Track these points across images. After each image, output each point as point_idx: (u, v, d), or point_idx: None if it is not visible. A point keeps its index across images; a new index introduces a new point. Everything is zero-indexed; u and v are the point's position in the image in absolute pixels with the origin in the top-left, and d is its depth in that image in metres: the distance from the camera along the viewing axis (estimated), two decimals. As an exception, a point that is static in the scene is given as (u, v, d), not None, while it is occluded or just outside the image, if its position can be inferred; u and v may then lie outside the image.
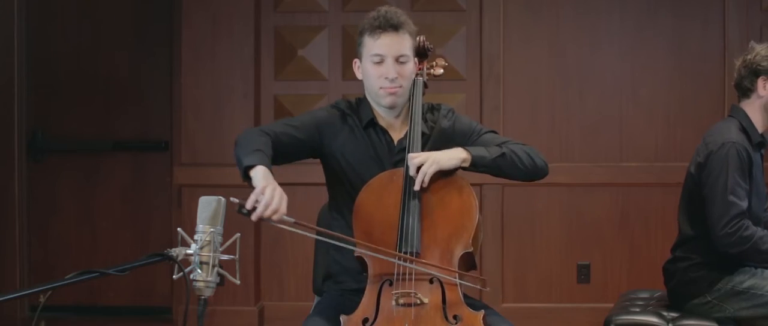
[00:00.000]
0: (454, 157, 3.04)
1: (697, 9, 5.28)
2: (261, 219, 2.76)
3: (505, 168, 3.09)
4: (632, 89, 5.31)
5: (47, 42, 5.60)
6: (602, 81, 5.33)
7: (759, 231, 3.50)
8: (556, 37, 5.31)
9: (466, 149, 3.07)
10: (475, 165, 3.07)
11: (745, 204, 3.48)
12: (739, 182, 3.47)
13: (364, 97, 3.23)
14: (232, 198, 2.68)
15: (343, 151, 3.15)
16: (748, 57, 3.61)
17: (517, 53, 5.32)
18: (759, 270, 3.57)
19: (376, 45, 3.09)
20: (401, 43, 3.09)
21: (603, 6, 5.31)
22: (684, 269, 3.63)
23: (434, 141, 3.17)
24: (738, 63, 3.66)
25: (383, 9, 3.13)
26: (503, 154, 3.09)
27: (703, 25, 5.28)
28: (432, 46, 3.31)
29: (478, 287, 3.02)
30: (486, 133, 3.21)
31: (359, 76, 3.18)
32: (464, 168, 3.09)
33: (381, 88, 3.11)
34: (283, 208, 2.78)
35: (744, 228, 3.45)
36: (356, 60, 3.18)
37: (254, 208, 2.76)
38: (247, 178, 2.88)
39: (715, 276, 3.56)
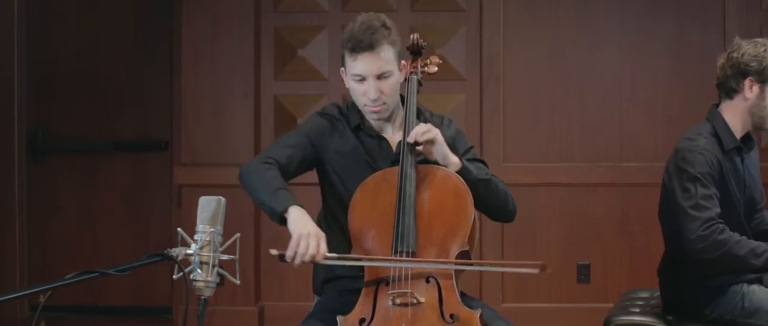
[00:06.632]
0: (449, 154, 3.04)
1: (697, 9, 5.27)
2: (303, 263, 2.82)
3: (483, 193, 3.06)
4: (632, 90, 5.31)
5: (47, 42, 5.60)
6: (602, 81, 5.33)
7: (735, 236, 3.29)
8: (556, 38, 5.31)
9: (461, 158, 3.07)
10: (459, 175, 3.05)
11: (716, 209, 3.29)
12: (708, 190, 3.29)
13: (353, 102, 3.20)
14: (271, 251, 2.86)
15: (336, 158, 3.14)
16: (735, 55, 3.37)
17: (517, 53, 5.32)
18: (743, 295, 3.42)
19: (354, 66, 3.03)
20: (380, 61, 3.02)
21: (603, 6, 5.31)
22: (670, 294, 3.57)
23: None
24: (721, 60, 3.42)
25: (357, 24, 3.03)
26: (488, 181, 3.10)
27: (703, 25, 5.28)
28: (425, 43, 3.28)
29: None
30: (476, 160, 3.18)
31: (347, 85, 3.14)
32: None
33: (365, 105, 3.09)
34: (322, 250, 2.83)
35: (718, 232, 3.25)
36: (342, 69, 3.13)
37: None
38: (283, 221, 2.90)
39: (697, 308, 3.47)
